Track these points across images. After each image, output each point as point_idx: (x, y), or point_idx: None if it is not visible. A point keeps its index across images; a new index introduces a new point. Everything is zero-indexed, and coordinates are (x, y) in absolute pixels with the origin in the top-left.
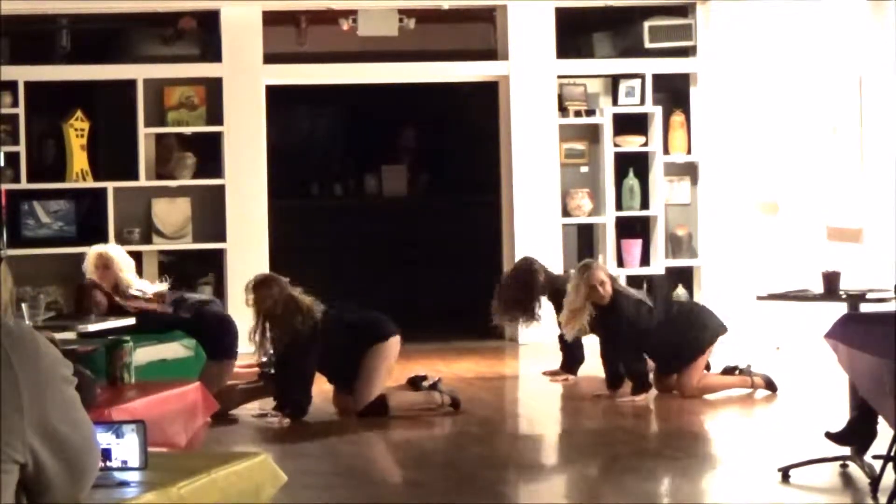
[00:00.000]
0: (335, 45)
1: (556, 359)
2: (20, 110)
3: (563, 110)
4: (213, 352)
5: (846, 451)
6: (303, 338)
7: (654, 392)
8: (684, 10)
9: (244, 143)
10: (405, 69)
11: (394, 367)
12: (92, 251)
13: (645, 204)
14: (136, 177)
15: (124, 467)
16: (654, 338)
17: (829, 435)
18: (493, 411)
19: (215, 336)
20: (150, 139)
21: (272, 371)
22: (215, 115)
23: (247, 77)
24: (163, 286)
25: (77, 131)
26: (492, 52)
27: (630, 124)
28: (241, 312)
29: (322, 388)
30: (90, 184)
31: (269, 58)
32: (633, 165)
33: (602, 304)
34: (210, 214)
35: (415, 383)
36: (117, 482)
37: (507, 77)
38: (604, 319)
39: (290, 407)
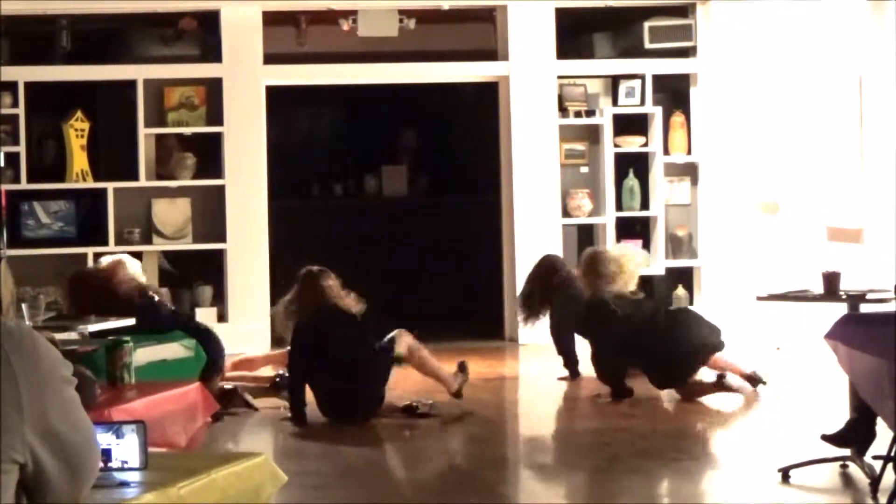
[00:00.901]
0: (335, 45)
1: (556, 360)
2: (20, 110)
3: (563, 111)
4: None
5: (846, 451)
6: (302, 324)
7: (656, 392)
8: (684, 11)
9: (244, 143)
10: (405, 69)
11: None
12: (112, 258)
13: (645, 204)
14: (136, 177)
15: (124, 467)
16: (646, 349)
17: (825, 437)
18: (493, 411)
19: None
20: (150, 139)
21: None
22: (215, 116)
23: (247, 77)
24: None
25: (77, 131)
26: (492, 53)
27: (630, 125)
28: (241, 313)
29: None
30: (90, 184)
31: (269, 58)
32: (633, 166)
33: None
34: (210, 215)
35: (410, 412)
36: (117, 482)
37: (507, 77)
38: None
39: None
